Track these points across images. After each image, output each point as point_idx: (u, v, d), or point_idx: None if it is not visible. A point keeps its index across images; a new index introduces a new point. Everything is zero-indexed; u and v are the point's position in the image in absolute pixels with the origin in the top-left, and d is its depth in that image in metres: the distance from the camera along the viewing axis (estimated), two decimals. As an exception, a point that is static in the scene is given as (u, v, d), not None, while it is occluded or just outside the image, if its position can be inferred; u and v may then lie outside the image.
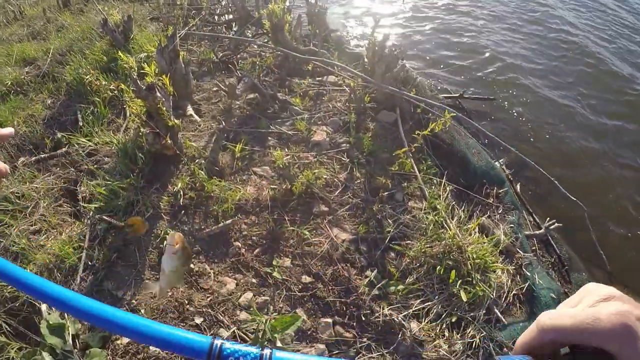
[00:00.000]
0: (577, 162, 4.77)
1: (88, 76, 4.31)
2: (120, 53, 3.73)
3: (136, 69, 2.93)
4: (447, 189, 3.37)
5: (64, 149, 3.65)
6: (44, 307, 2.49)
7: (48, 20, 6.79)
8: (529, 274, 2.99)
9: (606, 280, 3.48)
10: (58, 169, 3.49)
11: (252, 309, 2.49)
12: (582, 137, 5.10)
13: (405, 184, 3.39)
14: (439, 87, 5.64)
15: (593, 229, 3.67)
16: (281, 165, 3.15)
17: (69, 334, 2.33)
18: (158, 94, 2.94)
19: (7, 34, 6.85)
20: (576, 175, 4.59)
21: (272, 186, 3.16)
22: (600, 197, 4.34)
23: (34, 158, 3.62)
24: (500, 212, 3.48)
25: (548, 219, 3.72)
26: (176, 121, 3.11)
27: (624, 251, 3.89)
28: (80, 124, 3.90)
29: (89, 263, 2.69)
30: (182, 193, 2.99)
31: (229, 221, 2.86)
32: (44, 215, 3.02)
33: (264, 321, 2.31)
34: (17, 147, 3.87)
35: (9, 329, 2.45)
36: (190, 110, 3.78)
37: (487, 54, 6.63)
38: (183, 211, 2.94)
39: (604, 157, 4.85)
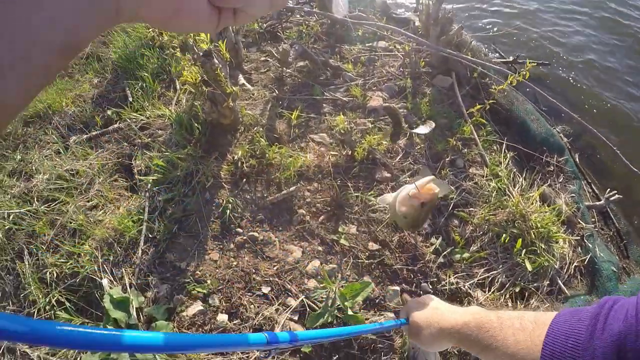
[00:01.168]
0: (638, 132, 4.49)
1: (136, 53, 4.21)
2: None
3: (193, 36, 2.78)
4: (508, 155, 3.22)
5: (115, 125, 3.54)
6: (105, 281, 2.40)
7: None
8: (590, 245, 2.89)
9: None
10: (111, 144, 3.38)
11: (320, 276, 2.38)
12: None
13: (465, 150, 3.22)
14: (496, 50, 5.43)
15: None
16: (341, 131, 2.97)
17: (133, 307, 2.23)
18: (216, 60, 2.79)
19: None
20: (637, 145, 4.28)
21: (332, 152, 3.02)
22: None
23: (85, 136, 3.52)
24: (560, 180, 3.35)
25: (608, 190, 3.53)
26: (234, 88, 2.94)
27: None
28: (130, 99, 3.79)
29: (150, 235, 2.59)
30: (242, 161, 2.84)
31: (292, 188, 2.73)
32: (100, 191, 2.93)
33: (334, 289, 2.23)
34: (67, 127, 3.79)
35: (70, 305, 2.36)
36: (242, 79, 3.63)
37: (546, 20, 6.28)
38: (244, 179, 2.80)
39: None
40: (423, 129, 3.11)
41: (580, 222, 3.01)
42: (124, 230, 2.60)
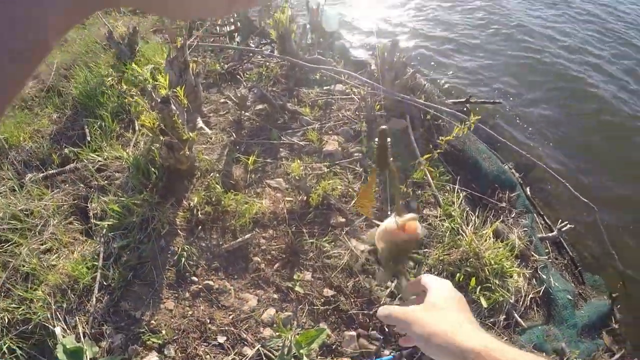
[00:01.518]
0: (585, 163, 4.74)
1: (97, 91, 4.23)
2: (129, 66, 3.65)
3: (150, 81, 2.83)
4: (461, 195, 3.35)
5: (72, 165, 3.54)
6: (58, 329, 2.39)
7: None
8: (544, 276, 3.03)
9: (619, 279, 3.56)
10: (67, 185, 3.37)
11: (275, 325, 2.42)
12: (587, 137, 5.10)
13: (420, 191, 3.35)
14: (448, 89, 5.65)
15: (604, 229, 3.63)
16: (297, 177, 3.06)
17: (86, 358, 2.23)
18: (173, 107, 2.85)
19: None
20: (585, 176, 4.56)
21: (287, 198, 3.10)
22: (610, 197, 4.33)
23: (41, 174, 3.51)
24: (513, 216, 3.49)
25: (560, 220, 3.68)
26: (191, 135, 3.01)
27: (636, 249, 3.86)
28: (88, 138, 3.80)
29: (104, 283, 2.59)
30: (198, 208, 2.89)
31: (247, 236, 2.79)
32: (55, 234, 2.91)
33: (289, 337, 2.27)
34: (24, 163, 3.77)
35: (21, 353, 2.34)
36: (200, 123, 3.69)
37: (491, 59, 6.59)
38: (200, 227, 2.86)
39: (612, 156, 4.84)
40: None
41: (534, 254, 3.15)
42: (78, 277, 2.59)
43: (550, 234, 3.61)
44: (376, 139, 1.15)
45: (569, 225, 3.60)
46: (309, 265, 2.76)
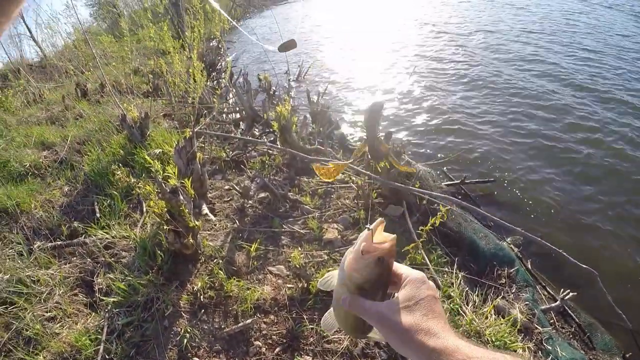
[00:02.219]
0: (581, 229, 4.89)
1: (108, 170, 4.48)
2: (140, 152, 3.93)
3: (161, 172, 3.07)
4: (460, 275, 3.44)
5: (80, 239, 3.72)
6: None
7: (66, 107, 7.09)
8: (550, 347, 3.01)
9: (630, 338, 3.57)
10: (75, 258, 3.54)
11: None
12: (581, 206, 5.28)
13: None
14: (443, 172, 5.87)
15: (607, 291, 3.58)
16: (297, 265, 3.25)
17: None
18: (181, 197, 3.10)
19: (27, 114, 7.14)
20: (583, 241, 4.70)
21: (288, 285, 3.23)
22: (609, 258, 4.44)
23: (50, 244, 3.69)
24: (514, 291, 3.54)
25: (562, 290, 3.77)
26: (197, 223, 3.24)
27: None
28: (98, 215, 4.01)
29: (107, 356, 2.68)
30: (201, 292, 3.05)
31: (248, 321, 2.91)
32: (60, 303, 3.05)
33: None
34: (33, 230, 3.96)
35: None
36: (205, 209, 3.92)
37: (486, 140, 6.92)
38: (203, 310, 2.98)
39: (607, 221, 5.01)
40: None
41: (537, 327, 3.15)
42: (81, 347, 2.69)
43: (553, 304, 3.67)
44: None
45: (572, 294, 3.68)
46: (309, 350, 2.83)
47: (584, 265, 3.53)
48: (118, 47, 10.11)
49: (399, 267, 0.96)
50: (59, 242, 3.73)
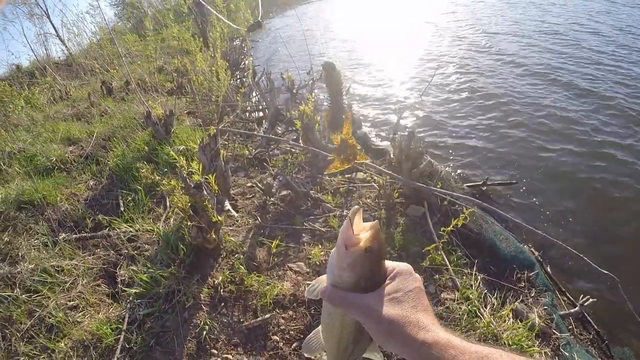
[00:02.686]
0: (602, 235, 4.77)
1: (132, 165, 4.54)
2: (165, 148, 3.97)
3: (186, 167, 3.10)
4: (479, 277, 3.39)
5: (104, 231, 3.78)
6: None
7: (92, 104, 7.19)
8: (567, 354, 2.95)
9: None
10: (98, 249, 3.60)
11: None
12: (602, 212, 5.16)
13: (437, 276, 3.39)
14: (465, 173, 5.84)
15: (628, 299, 3.53)
16: (317, 262, 3.25)
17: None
18: (205, 192, 3.13)
19: (53, 111, 7.27)
20: (605, 248, 4.57)
21: (308, 282, 3.22)
22: (632, 265, 4.31)
23: (74, 236, 3.76)
24: (532, 295, 3.48)
25: (582, 295, 3.68)
26: (220, 218, 3.26)
27: None
28: (122, 209, 4.07)
29: (127, 345, 2.72)
30: (222, 286, 3.07)
31: (267, 315, 2.93)
32: (82, 293, 3.10)
33: None
34: (58, 222, 4.02)
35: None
36: (228, 205, 3.95)
37: (509, 141, 6.85)
38: (223, 303, 3.01)
39: (629, 228, 4.89)
40: None
41: (555, 332, 3.09)
42: (102, 336, 2.73)
43: (572, 310, 3.59)
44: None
45: (591, 300, 3.59)
46: (326, 347, 2.85)
47: (604, 271, 3.48)
48: (142, 46, 10.26)
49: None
50: (83, 234, 3.80)
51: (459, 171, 5.92)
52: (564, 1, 18.63)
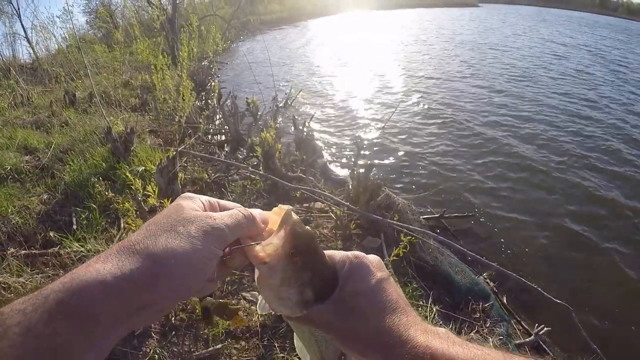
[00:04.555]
0: (557, 265, 4.96)
1: (88, 182, 4.43)
2: (123, 167, 3.89)
3: (141, 190, 3.05)
4: (434, 309, 3.42)
5: (55, 249, 3.66)
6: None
7: (53, 113, 7.01)
8: None
9: None
10: (48, 268, 3.47)
11: None
12: (556, 243, 5.39)
13: None
14: (423, 205, 5.90)
15: (582, 326, 3.62)
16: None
17: None
18: (160, 217, 3.08)
19: (13, 116, 7.04)
20: (559, 277, 4.75)
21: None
22: (585, 293, 4.52)
23: (23, 251, 3.61)
24: (488, 325, 3.53)
25: (537, 325, 3.76)
26: (173, 243, 3.21)
27: (616, 340, 3.98)
28: (75, 227, 3.94)
29: None
30: (173, 313, 3.02)
31: (219, 345, 2.89)
32: (29, 316, 2.98)
33: None
34: (7, 235, 3.87)
35: None
36: (183, 229, 3.89)
37: (465, 174, 7.07)
38: (173, 332, 2.95)
39: (583, 257, 5.13)
40: None
41: None
42: None
43: (528, 339, 3.65)
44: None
45: (546, 329, 3.69)
46: (278, 379, 2.79)
47: (558, 300, 3.58)
48: (111, 58, 10.10)
49: (335, 254, 0.73)
50: (33, 251, 3.66)
51: (417, 203, 5.97)
52: (523, 32, 19.56)
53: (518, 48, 19.76)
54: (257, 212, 0.73)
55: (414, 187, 6.57)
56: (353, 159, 6.77)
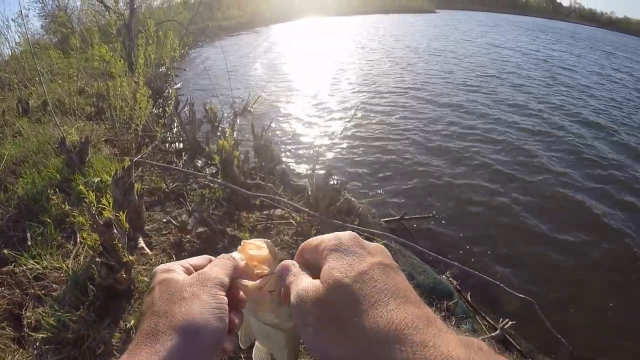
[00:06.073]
0: (517, 260, 5.11)
1: (43, 195, 4.28)
2: (78, 181, 3.79)
3: (95, 203, 2.98)
4: None
5: (9, 267, 3.53)
6: None
7: (5, 122, 6.74)
8: None
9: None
10: (3, 288, 3.35)
11: None
12: (515, 238, 5.59)
13: None
14: (383, 208, 6.00)
15: (545, 317, 3.74)
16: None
17: None
18: (115, 231, 3.02)
19: (-39, 127, 6.72)
20: (520, 271, 4.90)
21: None
22: (545, 285, 4.67)
23: (-26, 271, 3.48)
24: (453, 322, 3.60)
25: (501, 319, 3.85)
26: (131, 257, 3.16)
27: (578, 328, 4.14)
28: (29, 243, 3.81)
29: None
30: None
31: None
32: (-15, 338, 2.88)
33: None
34: (-43, 256, 3.72)
35: None
36: (141, 242, 3.83)
37: (424, 176, 7.21)
38: (135, 350, 2.88)
39: (542, 250, 5.34)
40: None
41: None
42: None
43: (494, 333, 3.72)
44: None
45: (510, 322, 3.78)
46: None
47: (520, 295, 3.72)
48: (66, 64, 9.78)
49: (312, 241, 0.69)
50: (-14, 270, 3.53)
51: (377, 206, 6.07)
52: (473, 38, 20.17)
53: (471, 54, 20.30)
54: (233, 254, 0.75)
55: (373, 190, 6.66)
56: (312, 165, 6.78)
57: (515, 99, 11.86)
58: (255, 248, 0.78)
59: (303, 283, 0.60)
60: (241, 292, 0.70)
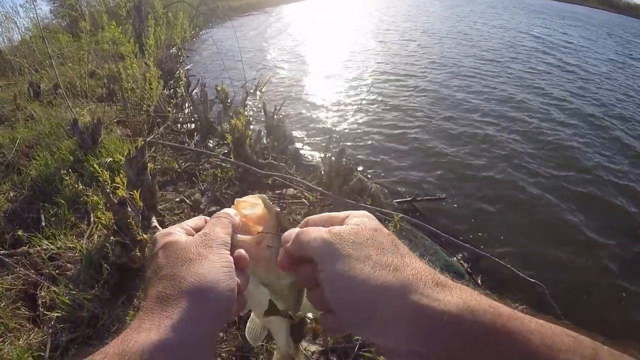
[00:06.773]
0: (529, 245, 5.04)
1: (56, 176, 4.28)
2: (91, 162, 3.77)
3: (109, 182, 2.95)
4: None
5: (24, 248, 3.53)
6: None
7: (17, 107, 6.74)
8: None
9: None
10: (17, 268, 3.35)
11: None
12: (529, 223, 5.48)
13: None
14: (395, 189, 5.94)
15: (555, 303, 3.73)
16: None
17: None
18: (129, 209, 3.00)
19: (-25, 112, 6.74)
20: (532, 256, 4.82)
21: None
22: (557, 272, 4.60)
23: (-8, 253, 3.49)
24: None
25: (511, 303, 3.76)
26: (145, 236, 3.14)
27: (588, 315, 4.08)
28: (43, 223, 3.81)
29: None
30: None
31: None
32: (1, 317, 2.87)
33: None
34: (-26, 236, 3.73)
35: None
36: (154, 221, 3.80)
37: (438, 157, 7.11)
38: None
39: (555, 237, 5.23)
40: None
41: None
42: None
43: None
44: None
45: (520, 307, 3.74)
46: (259, 368, 2.74)
47: (532, 280, 3.69)
48: (76, 47, 9.75)
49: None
50: (2, 251, 3.53)
51: (389, 187, 6.00)
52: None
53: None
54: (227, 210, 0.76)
55: (386, 171, 6.56)
56: (325, 144, 6.71)
57: (540, 85, 11.48)
58: (249, 206, 0.77)
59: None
60: (243, 252, 0.68)
